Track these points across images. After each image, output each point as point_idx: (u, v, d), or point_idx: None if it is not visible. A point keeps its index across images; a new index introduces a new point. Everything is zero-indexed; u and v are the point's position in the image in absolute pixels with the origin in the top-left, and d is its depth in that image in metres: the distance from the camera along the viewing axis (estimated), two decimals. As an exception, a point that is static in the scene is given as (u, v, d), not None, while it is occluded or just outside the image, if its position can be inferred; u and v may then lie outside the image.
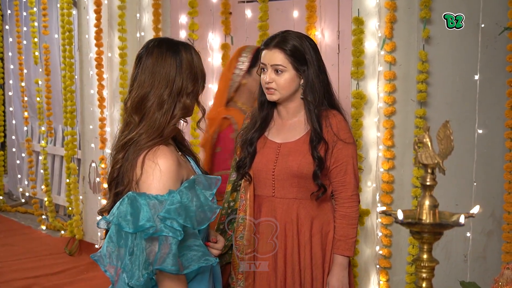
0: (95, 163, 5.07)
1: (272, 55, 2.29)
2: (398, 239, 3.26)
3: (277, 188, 2.32)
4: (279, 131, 2.37)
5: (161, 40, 1.87)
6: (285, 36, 2.31)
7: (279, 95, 2.30)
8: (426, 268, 1.35)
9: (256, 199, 2.37)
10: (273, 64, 2.28)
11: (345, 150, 2.28)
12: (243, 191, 2.39)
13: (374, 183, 3.26)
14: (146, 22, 4.40)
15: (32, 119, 6.76)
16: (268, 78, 2.29)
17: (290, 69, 2.28)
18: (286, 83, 2.28)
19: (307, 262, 2.29)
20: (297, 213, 2.30)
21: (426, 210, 1.33)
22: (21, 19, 6.44)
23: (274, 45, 2.29)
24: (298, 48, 2.29)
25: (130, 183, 1.74)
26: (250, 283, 2.32)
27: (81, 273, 4.67)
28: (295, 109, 2.35)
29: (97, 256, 1.75)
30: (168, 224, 1.63)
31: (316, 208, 2.32)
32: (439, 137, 1.36)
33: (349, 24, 3.31)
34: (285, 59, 2.27)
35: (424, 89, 3.11)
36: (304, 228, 2.30)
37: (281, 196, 2.31)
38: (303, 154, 2.27)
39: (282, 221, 2.31)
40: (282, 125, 2.38)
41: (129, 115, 1.80)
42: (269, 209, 2.33)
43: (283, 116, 2.39)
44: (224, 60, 3.93)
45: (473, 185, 3.19)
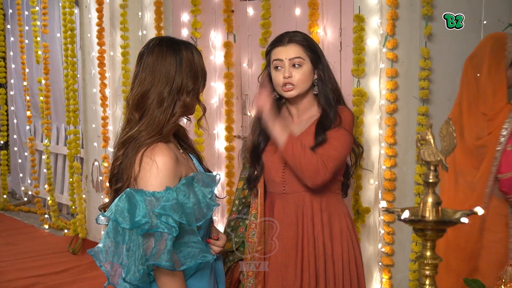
0: (98, 161, 5.08)
1: (289, 50, 2.30)
2: (400, 237, 3.26)
3: (287, 185, 2.34)
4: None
5: (162, 38, 1.89)
6: (294, 33, 2.35)
7: (298, 90, 2.31)
8: (429, 266, 1.35)
9: (268, 197, 2.39)
10: (292, 58, 2.29)
11: (340, 130, 2.29)
12: (254, 189, 2.40)
13: (376, 181, 3.26)
14: (148, 20, 4.40)
15: (34, 118, 6.77)
16: (288, 72, 2.29)
17: (307, 62, 2.30)
18: (305, 77, 2.30)
19: (321, 253, 2.31)
20: (311, 204, 2.33)
21: (429, 207, 1.33)
22: (23, 19, 6.44)
23: (289, 40, 2.31)
24: (311, 41, 2.33)
25: (129, 180, 1.76)
26: (261, 280, 2.33)
27: (85, 271, 4.68)
28: (306, 105, 2.37)
29: (94, 251, 1.78)
30: (163, 221, 1.66)
31: (326, 201, 2.34)
32: (441, 134, 1.36)
33: (351, 21, 3.30)
34: (303, 52, 2.29)
35: (426, 86, 3.10)
36: (317, 219, 2.32)
37: (292, 191, 2.34)
38: (309, 143, 2.28)
39: (298, 214, 2.32)
40: (292, 123, 2.39)
41: (130, 112, 1.83)
42: (283, 205, 2.35)
43: (294, 114, 2.40)
44: (227, 58, 3.93)
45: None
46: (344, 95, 3.09)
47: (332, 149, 2.25)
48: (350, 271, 2.36)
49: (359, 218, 3.28)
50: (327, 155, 2.23)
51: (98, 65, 4.83)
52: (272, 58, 2.35)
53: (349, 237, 2.38)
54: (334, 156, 2.25)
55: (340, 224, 2.36)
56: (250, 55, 3.93)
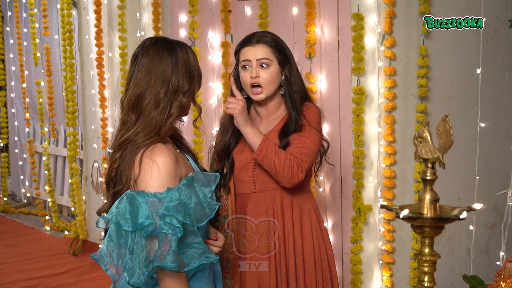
0: (98, 163, 5.08)
1: (257, 50, 2.32)
2: (401, 234, 3.26)
3: (258, 184, 2.36)
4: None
5: (157, 39, 1.88)
6: (263, 33, 2.39)
7: (266, 93, 2.33)
8: (428, 262, 1.35)
9: (237, 198, 2.40)
10: (259, 58, 2.31)
11: (308, 128, 2.30)
12: (223, 191, 2.41)
13: (376, 179, 3.26)
14: (146, 21, 4.40)
15: (33, 120, 6.77)
16: (254, 72, 2.30)
17: (275, 62, 2.32)
18: (272, 77, 2.31)
19: (291, 251, 2.33)
20: (281, 202, 2.34)
21: (427, 205, 1.33)
22: (21, 21, 6.45)
23: (257, 41, 2.33)
24: (279, 42, 2.35)
25: (128, 182, 1.74)
26: (237, 281, 2.34)
27: (85, 273, 4.68)
28: (275, 106, 2.40)
29: (97, 255, 1.76)
30: (167, 222, 1.64)
31: (297, 198, 2.36)
32: (438, 131, 1.36)
33: (348, 20, 3.30)
34: (271, 52, 2.31)
35: (424, 84, 3.11)
36: (287, 217, 2.34)
37: (263, 189, 2.35)
38: (276, 141, 2.30)
39: (269, 212, 2.34)
40: (261, 123, 2.41)
41: (126, 114, 1.81)
42: (254, 205, 2.37)
43: (262, 115, 2.42)
44: (225, 59, 3.93)
45: (475, 179, 3.19)
46: (342, 94, 3.10)
47: (304, 147, 2.27)
48: (323, 267, 2.38)
49: (360, 216, 3.29)
50: (300, 154, 2.25)
51: (97, 66, 4.84)
52: (240, 58, 2.36)
53: (320, 234, 2.40)
54: (306, 154, 2.28)
55: (311, 221, 2.38)
56: (248, 55, 3.93)
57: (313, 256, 2.36)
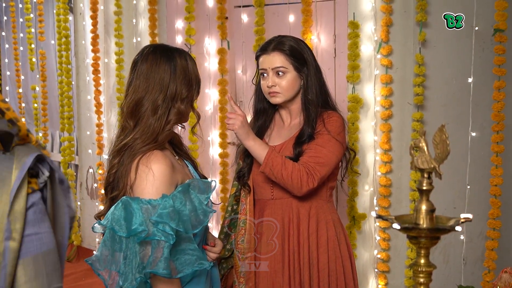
0: (93, 169, 5.06)
1: (272, 59, 2.30)
2: (396, 243, 3.25)
3: (276, 190, 2.33)
4: (280, 134, 2.40)
5: (156, 46, 1.90)
6: (280, 39, 2.34)
7: (283, 97, 2.32)
8: (423, 273, 1.34)
9: (257, 203, 2.39)
10: (274, 67, 2.29)
11: (327, 136, 2.26)
12: (243, 195, 2.40)
13: (371, 187, 3.25)
14: (143, 27, 4.40)
15: (29, 125, 6.75)
16: (271, 81, 2.30)
17: (291, 70, 2.30)
18: (289, 85, 2.30)
19: (306, 261, 2.30)
20: (298, 211, 2.31)
21: (423, 215, 1.32)
22: (18, 26, 6.43)
23: (272, 49, 2.31)
24: (296, 48, 2.32)
25: (125, 188, 1.76)
26: (251, 287, 2.32)
27: (79, 279, 4.66)
28: (297, 110, 2.38)
29: (92, 260, 1.77)
30: (160, 228, 1.65)
31: (315, 207, 2.33)
32: (435, 141, 1.35)
33: (345, 28, 3.31)
34: (286, 60, 2.29)
35: (421, 92, 3.11)
36: (303, 226, 2.31)
37: (280, 197, 2.33)
38: (290, 151, 2.29)
39: (285, 220, 2.32)
40: (284, 127, 2.40)
41: (125, 120, 1.83)
42: (271, 211, 2.35)
43: (285, 119, 2.41)
44: (221, 65, 3.93)
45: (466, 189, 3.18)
46: (339, 101, 3.09)
47: (320, 157, 2.23)
48: (338, 280, 2.32)
49: (355, 224, 3.28)
50: (313, 163, 2.22)
51: (93, 72, 4.83)
52: (259, 65, 2.37)
53: (337, 246, 2.34)
54: (321, 164, 2.23)
55: (328, 232, 2.33)
56: (244, 62, 3.93)
57: (328, 268, 2.31)
